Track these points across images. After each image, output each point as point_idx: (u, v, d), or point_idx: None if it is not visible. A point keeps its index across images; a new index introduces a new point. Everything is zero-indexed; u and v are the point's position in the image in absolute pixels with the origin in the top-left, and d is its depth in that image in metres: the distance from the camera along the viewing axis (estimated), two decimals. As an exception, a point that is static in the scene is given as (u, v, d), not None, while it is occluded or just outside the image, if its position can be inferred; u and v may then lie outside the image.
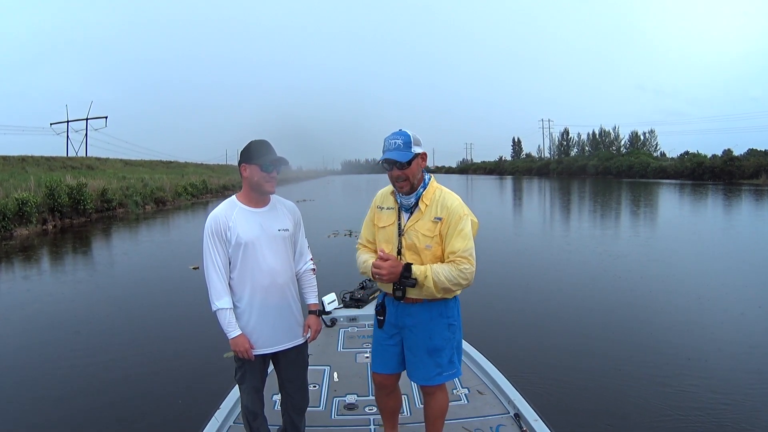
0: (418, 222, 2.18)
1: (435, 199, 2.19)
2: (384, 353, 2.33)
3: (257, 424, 2.37)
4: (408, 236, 2.19)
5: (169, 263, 9.89)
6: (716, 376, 4.13)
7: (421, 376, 2.27)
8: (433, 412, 2.36)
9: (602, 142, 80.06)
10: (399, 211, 2.24)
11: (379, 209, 2.32)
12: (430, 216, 2.17)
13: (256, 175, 2.21)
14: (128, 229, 16.33)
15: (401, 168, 2.13)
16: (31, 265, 9.95)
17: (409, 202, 2.21)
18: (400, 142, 2.14)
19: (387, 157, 2.13)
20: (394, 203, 2.27)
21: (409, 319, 2.24)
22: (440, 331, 2.24)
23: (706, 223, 15.33)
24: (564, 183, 46.54)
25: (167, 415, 3.64)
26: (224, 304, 2.20)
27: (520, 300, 6.71)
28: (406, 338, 2.28)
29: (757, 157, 45.71)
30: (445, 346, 2.26)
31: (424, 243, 2.16)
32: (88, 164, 36.48)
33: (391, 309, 2.28)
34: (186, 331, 5.59)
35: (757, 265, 8.65)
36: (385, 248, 2.21)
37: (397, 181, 2.16)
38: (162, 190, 26.10)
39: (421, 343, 2.24)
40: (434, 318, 2.23)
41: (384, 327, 2.31)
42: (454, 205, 2.17)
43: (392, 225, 2.24)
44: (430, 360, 2.24)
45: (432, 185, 2.24)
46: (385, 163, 2.16)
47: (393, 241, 2.22)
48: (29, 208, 14.80)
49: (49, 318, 6.24)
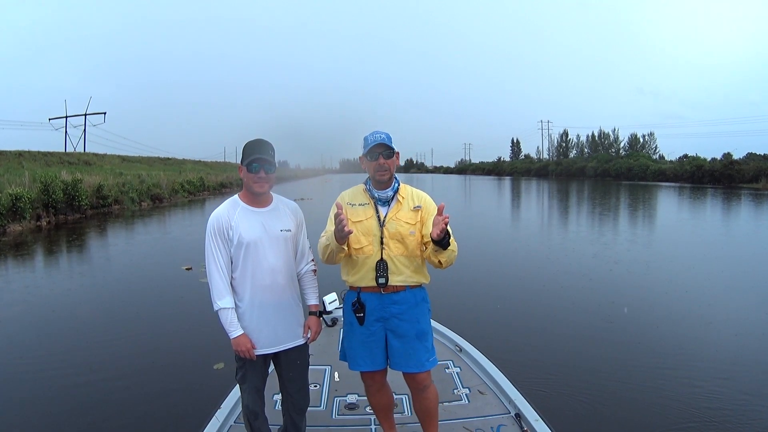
0: (399, 212, 2.35)
1: (409, 193, 2.41)
2: (370, 350, 2.35)
3: (258, 423, 2.36)
4: (391, 226, 2.32)
5: (161, 263, 9.74)
6: (716, 376, 4.13)
7: (413, 363, 2.32)
8: (429, 405, 2.40)
9: (601, 144, 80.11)
10: (375, 205, 2.36)
11: (351, 205, 2.39)
12: (409, 206, 2.37)
13: (245, 176, 2.23)
14: (123, 226, 16.19)
15: (387, 157, 2.30)
16: (23, 263, 9.85)
17: (387, 195, 2.37)
18: (383, 136, 2.30)
19: (380, 142, 2.28)
20: (368, 199, 2.39)
21: (395, 307, 2.32)
22: (424, 315, 2.38)
23: (706, 227, 15.28)
24: (563, 185, 46.61)
25: (167, 415, 3.62)
26: (226, 304, 2.20)
27: (521, 300, 6.69)
28: (394, 328, 2.33)
29: (756, 161, 45.74)
30: (428, 330, 2.39)
31: (408, 230, 2.32)
32: (86, 160, 36.31)
33: (373, 303, 2.33)
34: (185, 333, 5.57)
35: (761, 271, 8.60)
36: (363, 240, 2.32)
37: (381, 170, 2.31)
38: (158, 187, 25.95)
39: (411, 329, 2.32)
40: (419, 303, 2.37)
41: (365, 323, 2.33)
42: (427, 196, 2.43)
43: (370, 219, 2.34)
44: (420, 345, 2.33)
45: (402, 183, 2.44)
46: (373, 151, 2.29)
47: (372, 233, 2.32)
48: (23, 203, 14.63)
49: (36, 318, 6.14)
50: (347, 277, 2.41)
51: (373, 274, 2.30)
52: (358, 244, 2.32)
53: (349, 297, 2.41)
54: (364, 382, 2.48)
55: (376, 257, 2.30)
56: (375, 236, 2.31)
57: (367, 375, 2.41)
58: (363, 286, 2.34)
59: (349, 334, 2.41)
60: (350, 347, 2.40)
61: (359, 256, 2.33)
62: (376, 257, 2.30)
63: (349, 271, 2.39)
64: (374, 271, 2.30)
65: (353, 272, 2.36)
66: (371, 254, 2.31)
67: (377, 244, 2.31)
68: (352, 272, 2.37)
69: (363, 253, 2.32)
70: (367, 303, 2.33)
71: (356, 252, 2.33)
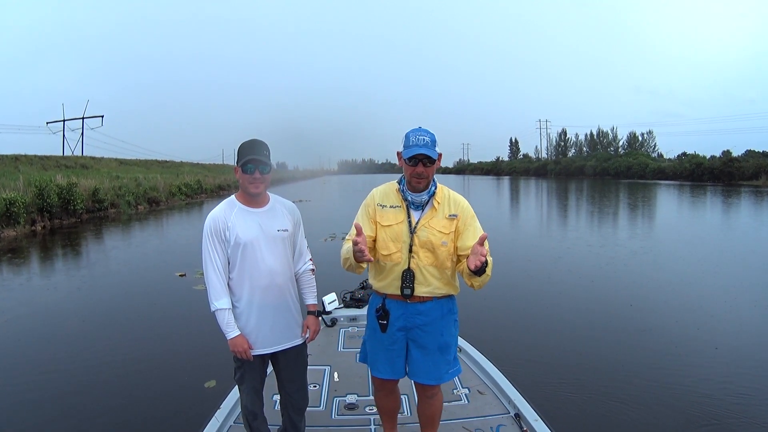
0: (432, 219, 2.18)
1: (445, 198, 2.23)
2: (391, 358, 2.26)
3: (257, 424, 2.37)
4: (422, 233, 2.16)
5: (155, 268, 9.51)
6: (717, 376, 4.12)
7: (433, 375, 2.25)
8: (434, 412, 2.37)
9: (600, 142, 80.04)
10: (408, 209, 2.20)
11: (381, 207, 2.24)
12: (444, 213, 2.19)
13: (240, 177, 2.23)
14: (118, 230, 15.95)
15: (427, 165, 2.11)
16: (18, 269, 9.63)
17: (422, 200, 2.19)
18: (427, 140, 2.10)
19: (419, 152, 2.08)
20: (400, 201, 2.22)
21: (420, 318, 2.21)
22: (449, 327, 2.27)
23: (709, 226, 15.18)
24: (563, 184, 46.52)
25: (168, 416, 3.60)
26: (223, 305, 2.20)
27: (521, 300, 6.67)
28: (415, 338, 2.23)
29: (756, 158, 45.62)
30: (452, 342, 2.30)
31: (440, 240, 2.16)
32: (83, 163, 36.07)
33: (397, 311, 2.22)
34: (183, 333, 5.54)
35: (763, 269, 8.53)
36: (391, 246, 2.18)
37: (418, 177, 2.13)
38: (155, 190, 25.74)
39: (433, 341, 2.23)
40: (445, 315, 2.25)
41: (387, 331, 2.23)
42: (465, 203, 2.24)
43: (400, 223, 2.19)
44: (441, 358, 2.24)
45: (439, 185, 2.25)
46: (412, 159, 2.10)
47: (402, 239, 2.18)
48: (17, 208, 14.42)
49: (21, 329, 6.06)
50: (374, 281, 2.31)
51: (399, 283, 2.18)
52: (386, 250, 2.20)
53: (374, 301, 2.32)
54: (375, 385, 2.42)
55: (404, 266, 2.17)
56: (404, 243, 2.18)
57: (381, 381, 2.34)
58: (389, 293, 2.23)
59: (372, 339, 2.32)
60: (372, 351, 2.32)
61: (387, 262, 2.21)
62: (404, 266, 2.17)
63: (376, 275, 2.29)
64: (400, 280, 2.18)
65: (380, 278, 2.25)
66: (399, 262, 2.18)
67: (406, 252, 2.18)
68: (378, 277, 2.26)
69: (391, 260, 2.19)
70: (391, 311, 2.23)
71: (384, 258, 2.21)
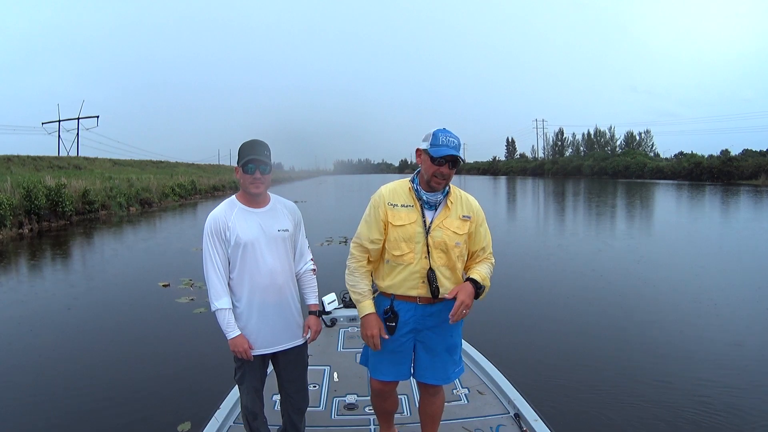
0: (446, 219, 2.16)
1: (458, 198, 2.22)
2: (397, 361, 2.23)
3: (257, 424, 2.36)
4: (436, 234, 2.14)
5: (138, 277, 8.77)
6: (717, 377, 4.11)
7: (440, 376, 2.25)
8: (436, 410, 2.37)
9: (597, 142, 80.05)
10: (422, 209, 2.16)
11: (392, 206, 2.18)
12: (458, 214, 2.18)
13: (241, 177, 2.22)
14: (107, 233, 15.38)
15: (453, 167, 2.10)
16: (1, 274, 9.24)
17: (437, 199, 2.17)
18: (456, 143, 2.10)
19: (450, 153, 2.06)
20: (413, 200, 2.18)
21: (431, 319, 2.20)
22: (457, 328, 2.28)
23: (710, 227, 15.02)
24: (560, 183, 46.39)
25: (167, 415, 3.57)
26: (223, 305, 2.19)
27: (520, 300, 6.65)
28: (424, 339, 2.22)
29: (755, 158, 45.55)
30: (459, 342, 2.33)
31: (454, 241, 2.15)
32: (76, 164, 35.69)
33: (408, 314, 2.19)
34: (181, 335, 5.34)
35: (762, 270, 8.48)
36: (404, 247, 2.15)
37: (441, 177, 2.10)
38: (148, 191, 25.27)
39: (442, 343, 2.23)
40: None
41: (396, 333, 2.18)
42: (476, 203, 2.25)
43: (413, 223, 2.15)
44: (449, 358, 2.26)
45: (451, 185, 2.23)
46: (441, 158, 2.06)
47: (415, 239, 2.14)
48: (4, 210, 13.99)
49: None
50: (380, 281, 2.24)
51: (412, 282, 2.15)
52: (398, 250, 2.15)
53: (381, 302, 2.24)
54: (375, 387, 2.36)
55: (420, 266, 2.14)
56: (418, 244, 2.14)
57: (382, 384, 2.30)
58: (398, 294, 2.18)
59: (380, 341, 2.23)
60: (375, 354, 2.25)
61: (399, 263, 2.17)
62: (420, 266, 2.14)
63: (384, 276, 2.23)
64: (416, 280, 2.15)
65: (389, 278, 2.20)
66: (412, 262, 2.14)
67: (420, 253, 2.14)
68: (387, 277, 2.21)
69: (403, 260, 2.16)
70: (400, 312, 2.18)
71: (395, 258, 2.17)
